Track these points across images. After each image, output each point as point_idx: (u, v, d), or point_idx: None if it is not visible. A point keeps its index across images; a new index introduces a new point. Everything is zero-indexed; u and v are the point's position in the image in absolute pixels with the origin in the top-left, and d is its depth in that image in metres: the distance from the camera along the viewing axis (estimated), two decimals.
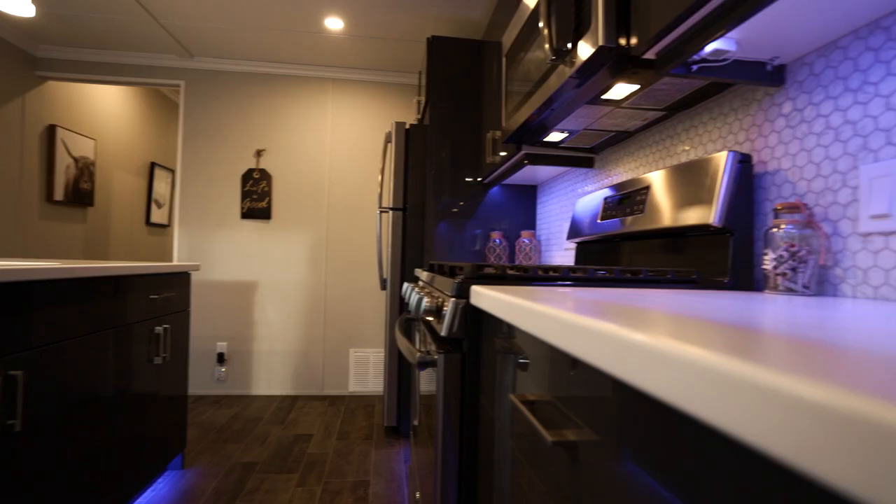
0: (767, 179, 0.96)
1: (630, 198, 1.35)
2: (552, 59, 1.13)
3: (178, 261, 3.18)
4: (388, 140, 2.55)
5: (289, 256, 3.19)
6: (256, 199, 3.14)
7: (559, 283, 0.92)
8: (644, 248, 1.35)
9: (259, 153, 3.17)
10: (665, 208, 1.17)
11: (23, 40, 2.93)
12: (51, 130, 3.16)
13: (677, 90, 1.12)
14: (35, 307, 1.14)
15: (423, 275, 1.67)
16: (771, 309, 0.53)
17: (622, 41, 0.93)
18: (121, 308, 1.52)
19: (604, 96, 1.18)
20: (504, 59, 1.68)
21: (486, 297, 0.72)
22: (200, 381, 3.14)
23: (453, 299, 0.87)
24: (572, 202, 2.03)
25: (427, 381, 1.28)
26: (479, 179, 2.43)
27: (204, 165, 3.16)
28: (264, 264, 3.18)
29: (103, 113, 3.71)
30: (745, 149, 1.03)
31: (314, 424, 2.65)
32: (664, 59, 0.87)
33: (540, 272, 0.94)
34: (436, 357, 0.88)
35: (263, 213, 3.14)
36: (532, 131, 1.58)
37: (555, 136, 1.59)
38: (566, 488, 0.45)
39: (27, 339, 1.12)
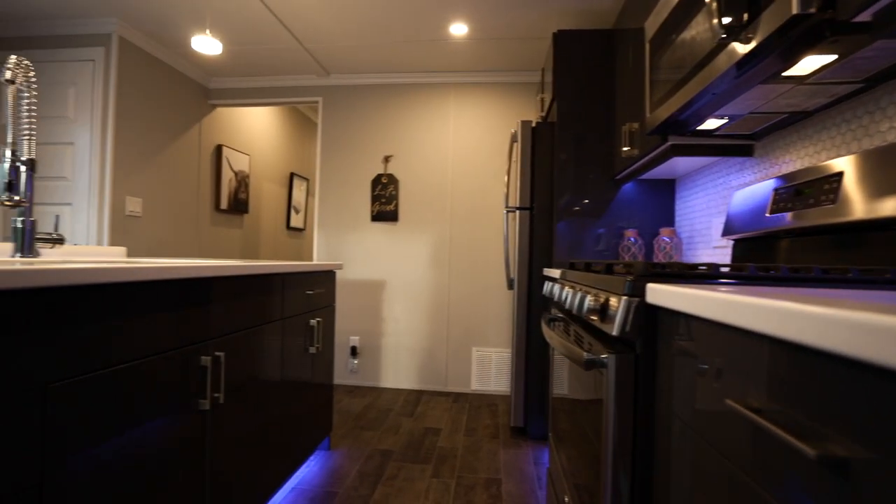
0: None
1: (813, 187, 1.18)
2: (722, 38, 1.02)
3: (317, 261, 3.51)
4: (513, 139, 2.54)
5: (414, 256, 3.34)
6: (385, 202, 3.34)
7: (745, 282, 0.83)
8: (827, 244, 1.17)
9: (387, 159, 3.37)
10: (866, 198, 1.00)
11: (199, 75, 3.45)
12: (218, 150, 3.69)
13: (886, 56, 0.95)
14: (226, 299, 1.33)
15: (560, 273, 1.63)
16: None
17: (817, 5, 0.82)
18: (286, 302, 1.71)
19: (785, 73, 1.04)
20: (647, 46, 1.58)
21: (675, 295, 0.67)
22: (336, 371, 3.42)
23: (625, 298, 0.83)
24: (722, 195, 1.84)
25: (575, 383, 1.25)
26: (611, 176, 2.32)
27: (339, 173, 3.45)
28: (392, 264, 3.37)
29: (255, 131, 4.23)
30: None
31: (441, 419, 2.73)
32: (887, 17, 0.74)
33: (721, 270, 0.86)
34: (605, 357, 0.85)
35: (391, 216, 3.34)
36: (683, 120, 1.46)
37: (710, 124, 1.45)
38: None
39: (223, 326, 1.30)
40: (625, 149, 1.95)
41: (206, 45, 2.23)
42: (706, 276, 0.83)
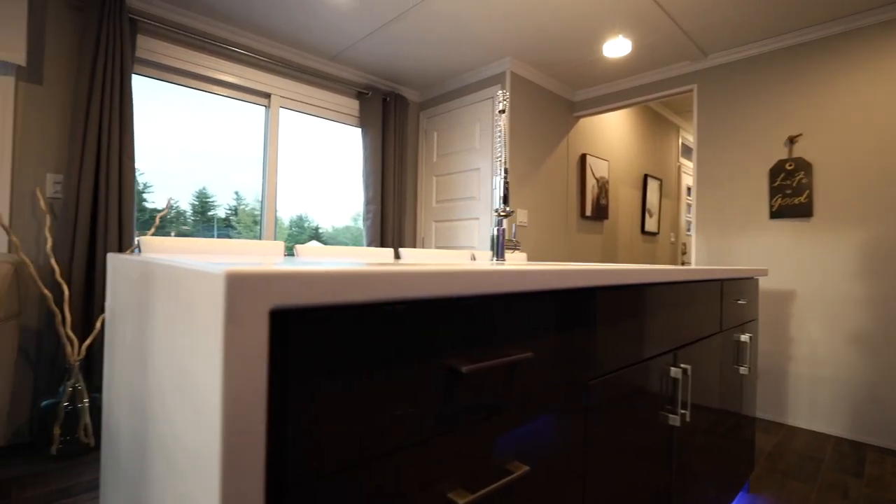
0: None
1: None
2: None
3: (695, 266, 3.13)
4: None
5: (839, 262, 2.53)
6: (791, 194, 2.67)
7: None
8: None
9: (792, 140, 2.70)
10: None
11: (566, 91, 3.66)
12: (582, 158, 3.82)
13: None
14: (680, 306, 1.19)
15: None
16: None
17: None
18: (724, 313, 1.48)
19: None
20: None
21: None
22: None
23: None
24: None
25: None
26: None
27: (720, 166, 2.99)
28: (802, 271, 2.66)
29: (612, 136, 4.21)
30: None
31: None
32: None
33: None
34: None
35: (801, 211, 2.64)
36: None
37: None
38: None
39: (679, 337, 1.17)
40: None
41: (618, 47, 2.31)
42: None
